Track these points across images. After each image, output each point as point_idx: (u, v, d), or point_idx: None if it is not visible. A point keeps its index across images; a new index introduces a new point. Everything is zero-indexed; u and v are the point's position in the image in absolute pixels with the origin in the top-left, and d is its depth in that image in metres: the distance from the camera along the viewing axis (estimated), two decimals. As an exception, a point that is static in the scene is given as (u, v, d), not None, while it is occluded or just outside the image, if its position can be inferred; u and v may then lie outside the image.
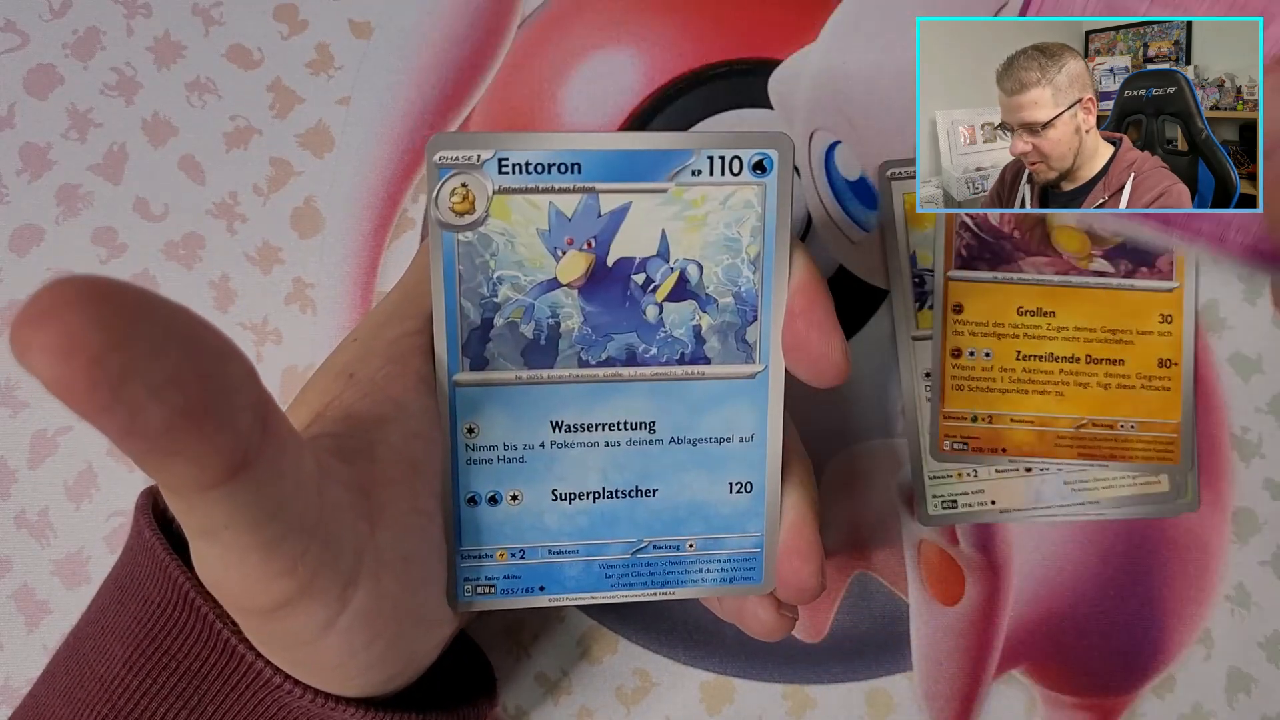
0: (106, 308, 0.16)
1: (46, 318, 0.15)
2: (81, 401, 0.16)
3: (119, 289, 0.16)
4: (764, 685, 0.34)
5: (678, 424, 0.25)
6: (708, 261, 0.24)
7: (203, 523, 0.19)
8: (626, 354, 0.25)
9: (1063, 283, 0.33)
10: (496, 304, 0.24)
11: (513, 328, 0.24)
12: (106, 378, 0.16)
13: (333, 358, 0.26)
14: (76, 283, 0.16)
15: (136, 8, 0.34)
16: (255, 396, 0.19)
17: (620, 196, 0.24)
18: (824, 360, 0.24)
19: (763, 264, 0.24)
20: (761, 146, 0.24)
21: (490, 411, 0.25)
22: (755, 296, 0.25)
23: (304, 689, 0.23)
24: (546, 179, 0.23)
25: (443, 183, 0.23)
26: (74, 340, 0.15)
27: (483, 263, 0.24)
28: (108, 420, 0.16)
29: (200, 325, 0.18)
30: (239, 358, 0.18)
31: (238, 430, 0.18)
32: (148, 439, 0.17)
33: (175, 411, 0.17)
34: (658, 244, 0.24)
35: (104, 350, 0.16)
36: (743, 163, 0.24)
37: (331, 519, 0.21)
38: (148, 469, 0.18)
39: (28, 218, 0.34)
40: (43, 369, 0.15)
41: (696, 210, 0.24)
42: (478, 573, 0.26)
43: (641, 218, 0.24)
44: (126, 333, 0.16)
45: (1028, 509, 0.34)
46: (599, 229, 0.24)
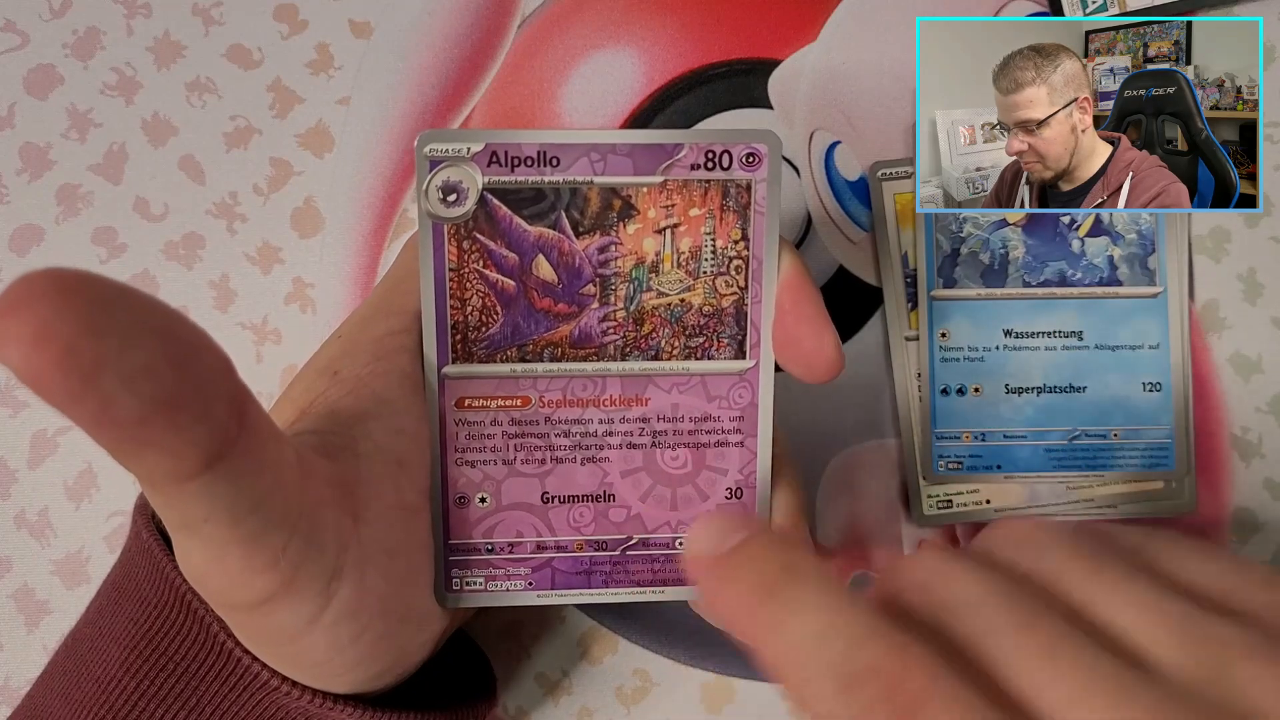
0: (78, 298, 0.16)
1: (18, 308, 0.16)
2: (53, 390, 0.16)
3: (91, 281, 0.16)
4: (764, 685, 0.34)
5: (1101, 334, 0.31)
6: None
7: (182, 516, 0.19)
8: (1059, 277, 0.31)
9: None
10: (961, 237, 0.30)
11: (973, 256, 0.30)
12: (78, 366, 0.16)
13: (318, 355, 0.26)
14: (49, 275, 0.16)
15: (136, 8, 0.34)
16: (231, 389, 0.19)
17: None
18: (817, 356, 0.24)
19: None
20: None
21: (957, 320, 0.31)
22: (1153, 233, 0.31)
23: (300, 689, 0.23)
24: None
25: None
26: (46, 329, 0.16)
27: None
28: (80, 409, 0.16)
29: (173, 317, 0.18)
30: (213, 350, 0.19)
31: (212, 422, 0.18)
32: (121, 429, 0.17)
33: (148, 402, 0.17)
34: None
35: (76, 339, 0.16)
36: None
37: (314, 514, 0.21)
38: (122, 460, 0.18)
39: (28, 218, 0.34)
40: (15, 358, 0.16)
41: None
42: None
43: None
44: (99, 322, 0.16)
45: (1023, 509, 0.34)
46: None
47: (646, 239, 0.24)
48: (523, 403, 0.25)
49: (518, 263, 0.24)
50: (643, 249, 0.24)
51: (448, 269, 0.24)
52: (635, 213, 0.24)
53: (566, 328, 0.25)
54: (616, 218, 0.24)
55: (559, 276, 0.24)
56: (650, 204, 0.24)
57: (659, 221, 0.24)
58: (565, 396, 0.25)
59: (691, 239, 0.24)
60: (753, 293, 0.25)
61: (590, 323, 0.25)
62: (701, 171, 0.24)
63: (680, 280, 0.25)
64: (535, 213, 0.24)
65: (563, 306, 0.25)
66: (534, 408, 0.25)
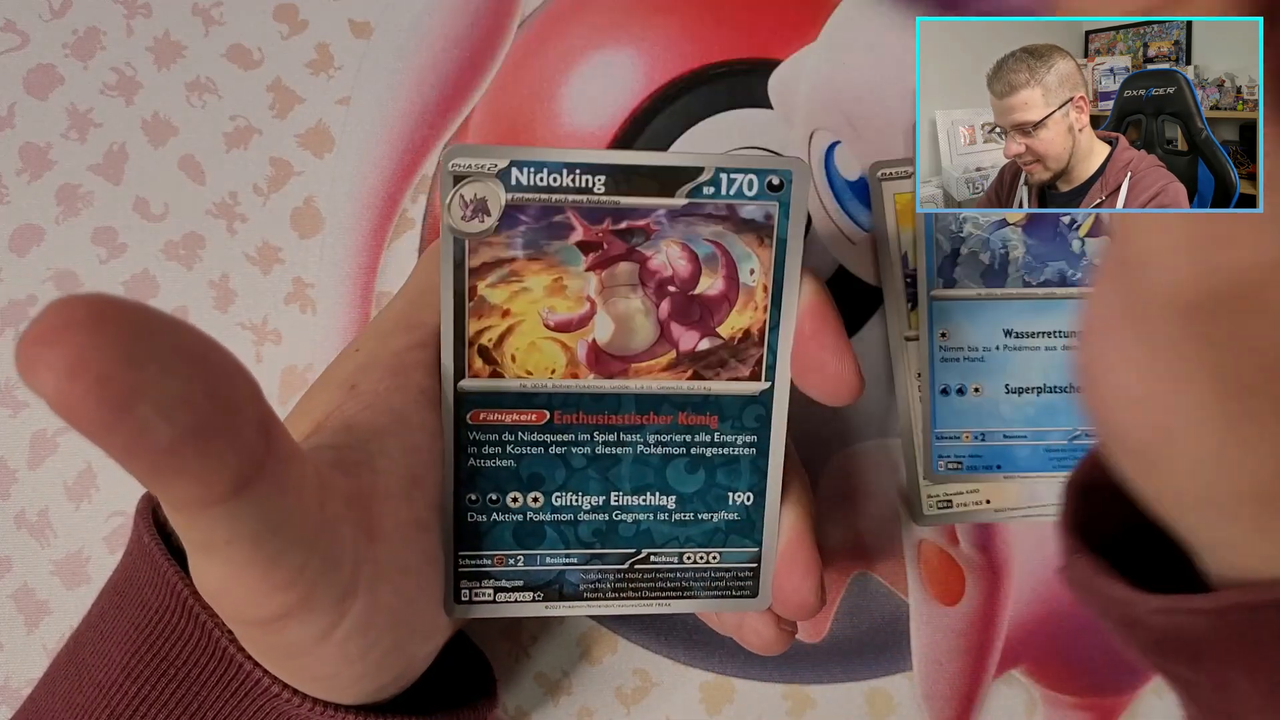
0: (114, 327, 0.16)
1: (53, 336, 0.15)
2: (88, 420, 0.16)
3: (126, 308, 0.16)
4: (764, 685, 0.34)
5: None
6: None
7: (204, 538, 0.19)
8: (1059, 277, 0.31)
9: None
10: (961, 237, 0.30)
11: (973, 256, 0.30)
12: (114, 397, 0.16)
13: (335, 368, 0.26)
14: (84, 301, 0.16)
15: (136, 8, 0.34)
16: (260, 413, 0.19)
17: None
18: (838, 380, 0.25)
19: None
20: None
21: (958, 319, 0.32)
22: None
23: (302, 697, 0.23)
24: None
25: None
26: (82, 359, 0.15)
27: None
28: (113, 440, 0.16)
29: (207, 344, 0.18)
30: (245, 375, 0.18)
31: (242, 448, 0.18)
32: (153, 458, 0.17)
33: (182, 431, 0.17)
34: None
35: (112, 369, 0.16)
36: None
37: (331, 532, 0.21)
38: (152, 487, 0.18)
39: (28, 218, 0.34)
40: (49, 388, 0.15)
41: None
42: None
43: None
44: (135, 351, 0.16)
45: (1023, 508, 0.34)
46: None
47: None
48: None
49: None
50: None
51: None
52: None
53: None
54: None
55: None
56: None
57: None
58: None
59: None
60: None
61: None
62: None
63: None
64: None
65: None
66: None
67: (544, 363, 0.25)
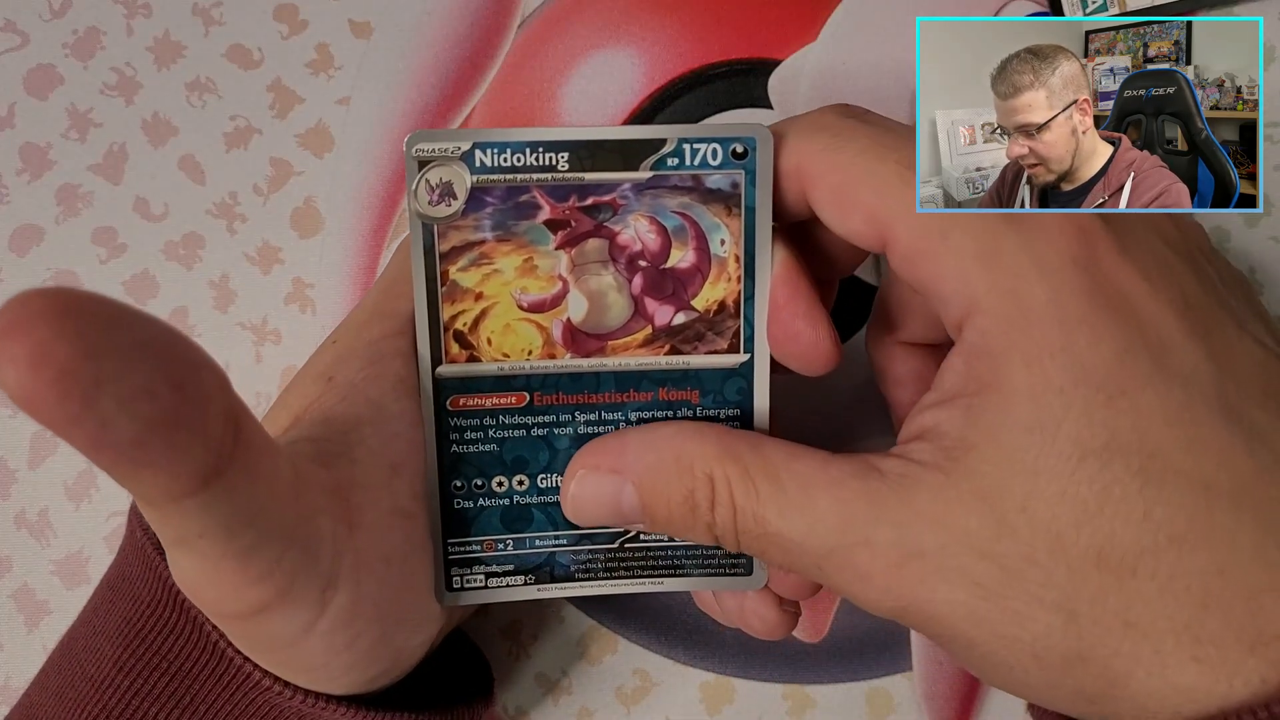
0: (76, 319, 0.16)
1: (14, 328, 0.15)
2: (50, 413, 0.16)
3: (88, 300, 0.16)
4: (764, 685, 0.34)
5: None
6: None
7: (177, 532, 0.19)
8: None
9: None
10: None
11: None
12: (77, 389, 0.16)
13: (313, 360, 0.26)
14: (45, 294, 0.16)
15: (136, 8, 0.34)
16: (227, 405, 0.19)
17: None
18: (814, 349, 0.24)
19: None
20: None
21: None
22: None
23: (293, 690, 0.23)
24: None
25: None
26: (43, 351, 0.15)
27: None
28: (77, 432, 0.16)
29: (172, 335, 0.18)
30: (211, 367, 0.18)
31: (209, 439, 0.18)
32: (118, 450, 0.17)
33: (146, 423, 0.17)
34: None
35: (74, 361, 0.15)
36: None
37: (308, 523, 0.21)
38: (119, 479, 0.18)
39: (28, 218, 0.34)
40: (10, 381, 0.15)
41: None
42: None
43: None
44: (97, 344, 0.16)
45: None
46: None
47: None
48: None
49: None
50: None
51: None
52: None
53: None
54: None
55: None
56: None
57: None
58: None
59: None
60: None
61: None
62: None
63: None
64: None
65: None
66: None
67: (520, 344, 0.25)
